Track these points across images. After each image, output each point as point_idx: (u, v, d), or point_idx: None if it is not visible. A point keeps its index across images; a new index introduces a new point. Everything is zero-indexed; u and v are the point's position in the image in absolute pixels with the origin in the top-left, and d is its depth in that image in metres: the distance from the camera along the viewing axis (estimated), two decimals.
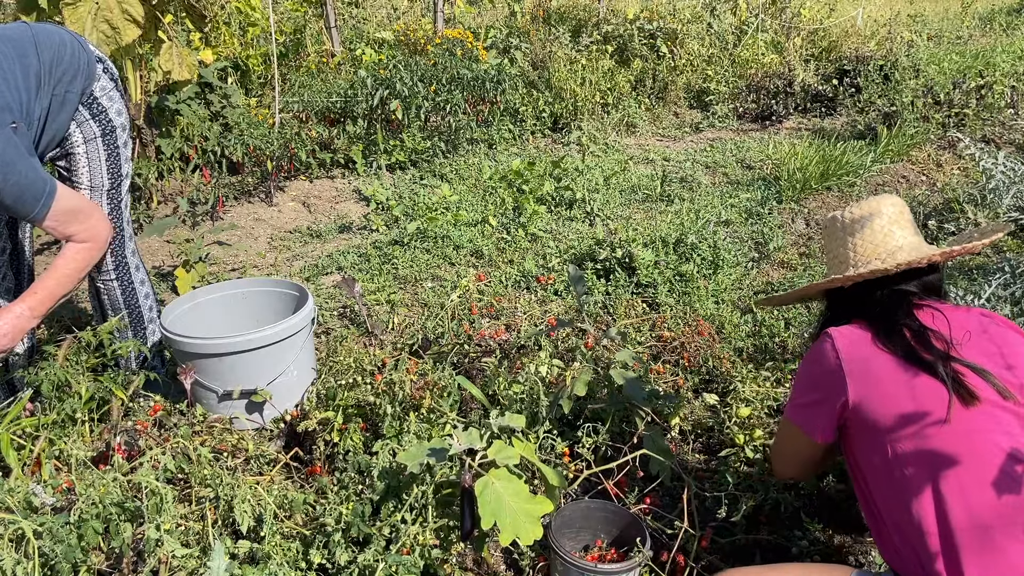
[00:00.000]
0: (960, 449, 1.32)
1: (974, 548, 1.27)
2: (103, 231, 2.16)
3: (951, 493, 1.30)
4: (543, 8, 7.74)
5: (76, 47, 2.13)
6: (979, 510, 1.28)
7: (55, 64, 2.05)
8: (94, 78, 2.16)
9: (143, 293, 2.46)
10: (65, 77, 2.07)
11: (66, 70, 2.07)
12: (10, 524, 1.52)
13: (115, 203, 2.30)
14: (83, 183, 2.22)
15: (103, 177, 2.24)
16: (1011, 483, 1.28)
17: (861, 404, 1.42)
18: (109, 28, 2.90)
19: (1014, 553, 1.26)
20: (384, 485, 1.73)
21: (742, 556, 1.92)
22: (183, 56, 3.47)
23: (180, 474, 1.90)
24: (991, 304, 2.65)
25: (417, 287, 3.50)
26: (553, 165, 4.68)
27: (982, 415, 1.34)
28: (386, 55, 5.92)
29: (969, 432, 1.33)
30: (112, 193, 2.28)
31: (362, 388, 2.14)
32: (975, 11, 9.96)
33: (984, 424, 1.34)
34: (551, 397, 2.14)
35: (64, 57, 2.07)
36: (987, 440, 1.32)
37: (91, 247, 2.14)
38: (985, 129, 5.36)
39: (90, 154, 2.20)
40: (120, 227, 2.33)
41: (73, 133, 2.17)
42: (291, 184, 4.86)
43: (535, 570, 1.86)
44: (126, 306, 2.41)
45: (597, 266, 3.46)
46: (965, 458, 1.31)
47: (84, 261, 2.14)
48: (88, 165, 2.21)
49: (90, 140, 2.19)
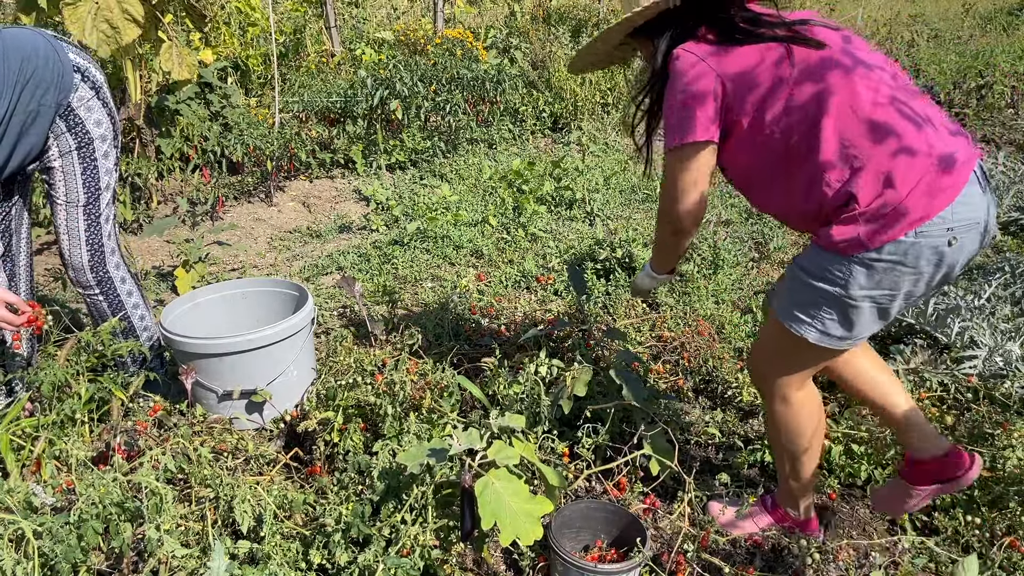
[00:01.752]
0: (830, 83, 1.49)
1: (870, 146, 1.46)
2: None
3: (837, 114, 1.47)
4: (543, 8, 7.74)
5: (51, 56, 2.02)
6: (864, 114, 1.47)
7: (27, 77, 1.95)
8: (70, 88, 2.06)
9: (131, 304, 2.42)
10: (38, 91, 1.98)
11: (39, 83, 1.98)
12: (10, 524, 1.53)
13: (92, 218, 2.23)
14: (60, 198, 2.17)
15: (78, 192, 2.17)
16: (879, 85, 1.50)
17: (735, 87, 1.54)
18: (109, 28, 2.89)
19: (908, 136, 1.46)
20: (384, 485, 1.73)
21: (742, 556, 1.92)
22: (183, 56, 3.47)
23: (180, 474, 1.90)
24: (991, 304, 2.65)
25: (417, 287, 3.50)
26: (553, 165, 4.68)
27: (836, 55, 1.53)
28: (386, 55, 5.92)
29: (829, 67, 1.51)
30: (89, 208, 2.21)
31: (363, 388, 2.14)
32: (976, 11, 9.96)
33: (840, 60, 1.52)
34: (551, 397, 2.14)
35: (36, 68, 1.97)
36: (850, 67, 1.51)
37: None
38: (985, 129, 5.35)
39: (65, 168, 2.14)
40: (99, 242, 2.26)
41: (51, 147, 2.10)
42: (291, 184, 4.86)
43: (535, 570, 1.86)
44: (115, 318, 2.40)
45: (597, 266, 3.46)
46: (836, 87, 1.49)
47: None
48: (64, 180, 2.15)
49: (65, 154, 2.12)
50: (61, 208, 2.19)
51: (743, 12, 1.59)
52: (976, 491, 2.00)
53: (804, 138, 1.51)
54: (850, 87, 1.50)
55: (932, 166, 1.46)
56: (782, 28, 1.55)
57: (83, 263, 2.27)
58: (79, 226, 2.22)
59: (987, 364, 2.40)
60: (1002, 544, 1.80)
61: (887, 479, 2.11)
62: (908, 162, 1.46)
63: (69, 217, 2.20)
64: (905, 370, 2.43)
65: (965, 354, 2.44)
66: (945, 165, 1.46)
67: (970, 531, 1.90)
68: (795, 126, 1.52)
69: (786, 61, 1.52)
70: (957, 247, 1.48)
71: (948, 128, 1.54)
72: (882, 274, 1.50)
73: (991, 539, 1.88)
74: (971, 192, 1.48)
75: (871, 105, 1.49)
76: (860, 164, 1.47)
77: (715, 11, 1.59)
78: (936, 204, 1.45)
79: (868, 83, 1.51)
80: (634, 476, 2.08)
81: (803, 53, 1.52)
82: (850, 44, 1.57)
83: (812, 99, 1.50)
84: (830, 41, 1.55)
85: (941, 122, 1.54)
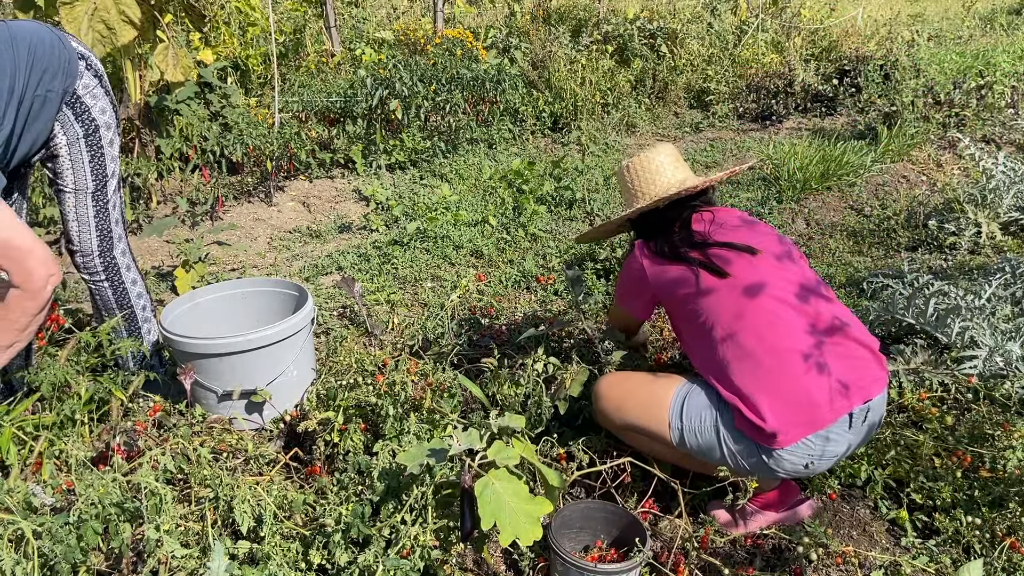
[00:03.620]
0: (730, 301, 1.88)
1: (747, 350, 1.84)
2: (38, 278, 1.84)
3: (737, 329, 1.85)
4: (543, 8, 7.73)
5: (56, 44, 2.04)
6: (756, 330, 1.84)
7: (34, 63, 1.97)
8: (76, 76, 2.08)
9: (135, 293, 2.43)
10: (45, 76, 2.00)
11: (46, 68, 2.00)
12: (9, 524, 1.52)
13: (101, 204, 2.25)
14: (67, 186, 2.18)
15: (87, 179, 2.20)
16: (773, 302, 1.86)
17: (664, 294, 2.03)
18: (105, 28, 2.89)
19: (787, 335, 1.83)
20: (384, 486, 1.73)
21: (742, 556, 1.92)
22: (179, 57, 3.47)
23: (180, 474, 1.90)
24: (991, 304, 2.64)
25: (417, 287, 3.50)
26: (553, 165, 4.68)
27: (744, 273, 1.91)
28: (386, 55, 5.92)
29: (738, 288, 1.89)
30: (97, 195, 2.23)
31: (363, 389, 2.14)
32: (976, 11, 9.96)
33: (746, 279, 1.90)
34: (549, 398, 2.14)
35: (43, 55, 2.00)
36: (750, 289, 1.88)
37: (22, 295, 1.84)
38: (985, 129, 5.35)
39: (73, 156, 2.15)
40: (107, 228, 2.29)
41: (57, 134, 2.12)
42: (291, 184, 4.86)
43: (535, 570, 1.86)
44: (118, 307, 2.40)
45: (597, 266, 3.46)
46: (741, 306, 1.87)
47: (18, 311, 1.86)
48: (72, 168, 2.16)
49: (72, 142, 2.14)
50: (70, 195, 2.20)
51: (680, 232, 2.04)
52: (977, 492, 2.00)
53: (701, 337, 1.94)
54: (738, 320, 1.86)
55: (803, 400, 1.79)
56: (699, 252, 1.96)
57: (92, 248, 2.28)
58: (88, 212, 2.24)
59: (987, 364, 2.39)
60: (1003, 546, 1.80)
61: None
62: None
63: (78, 204, 2.22)
64: (905, 370, 2.43)
65: (965, 354, 2.43)
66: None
67: (970, 532, 1.90)
68: (697, 330, 1.94)
69: (693, 281, 1.93)
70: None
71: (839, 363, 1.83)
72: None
73: (991, 540, 1.88)
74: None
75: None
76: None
77: (655, 232, 2.11)
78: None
79: (755, 317, 1.84)
80: (634, 476, 2.08)
81: (708, 280, 1.92)
82: (758, 272, 1.91)
83: (708, 315, 1.91)
84: (736, 272, 1.90)
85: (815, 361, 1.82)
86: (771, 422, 1.74)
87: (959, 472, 2.03)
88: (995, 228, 3.72)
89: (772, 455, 1.78)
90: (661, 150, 2.16)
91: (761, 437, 1.77)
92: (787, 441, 1.75)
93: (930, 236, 3.83)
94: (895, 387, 2.41)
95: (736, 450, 1.82)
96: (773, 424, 1.74)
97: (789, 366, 1.78)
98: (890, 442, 2.14)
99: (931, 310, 2.63)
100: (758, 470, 1.82)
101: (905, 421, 2.30)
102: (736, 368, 1.82)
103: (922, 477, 2.07)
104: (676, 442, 1.91)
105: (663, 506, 2.07)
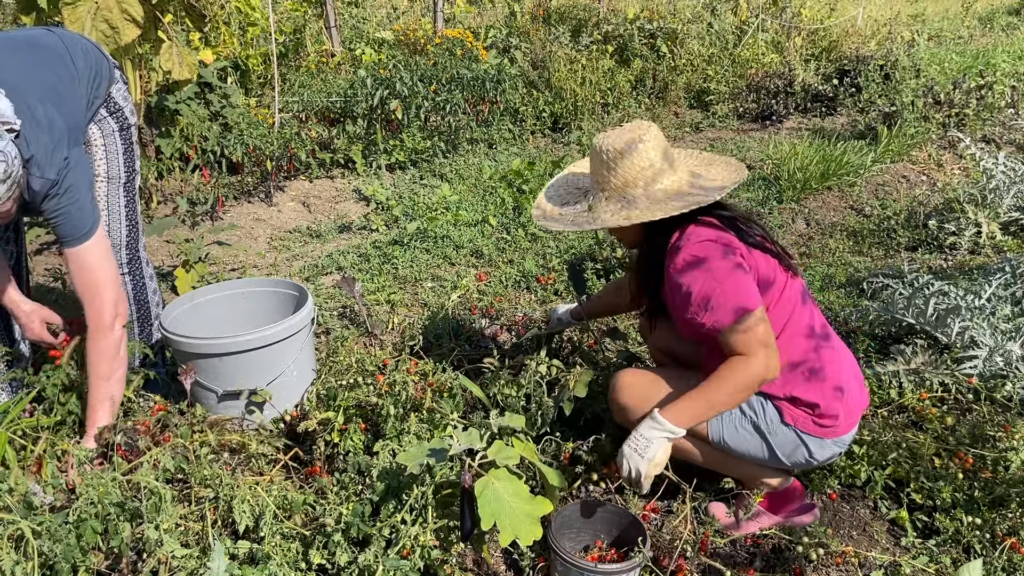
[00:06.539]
0: (788, 297, 1.85)
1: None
2: (106, 315, 1.99)
3: (791, 327, 1.84)
4: (543, 8, 7.74)
5: (96, 52, 2.17)
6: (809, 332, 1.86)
7: (91, 74, 2.09)
8: (113, 80, 2.20)
9: (151, 288, 2.49)
10: (97, 78, 2.12)
11: (94, 76, 2.11)
12: (9, 524, 1.52)
13: (130, 196, 2.32)
14: (100, 173, 2.23)
15: (120, 170, 2.26)
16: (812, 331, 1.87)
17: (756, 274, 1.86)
18: (108, 28, 2.89)
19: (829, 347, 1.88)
20: (384, 485, 1.73)
21: (742, 556, 1.92)
22: (183, 55, 3.47)
23: (180, 474, 1.90)
24: (991, 304, 2.64)
25: (417, 287, 3.50)
26: (553, 165, 4.68)
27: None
28: (386, 55, 5.92)
29: (797, 287, 1.90)
30: (128, 186, 2.31)
31: (363, 389, 2.14)
32: (975, 11, 9.96)
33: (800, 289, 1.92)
34: (552, 399, 2.14)
35: (91, 64, 2.11)
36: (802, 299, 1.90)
37: (95, 336, 2.00)
38: (985, 129, 5.35)
39: (109, 147, 2.22)
40: (136, 220, 2.36)
41: (92, 131, 2.19)
42: (291, 184, 4.86)
43: (535, 570, 1.86)
44: (135, 301, 2.42)
45: (597, 266, 3.46)
46: (794, 304, 1.86)
47: (95, 354, 1.99)
48: (106, 157, 2.23)
49: (108, 135, 2.21)
50: (102, 184, 2.25)
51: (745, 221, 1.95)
52: (977, 492, 2.00)
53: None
54: (793, 319, 1.87)
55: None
56: (773, 244, 1.94)
57: (121, 240, 2.33)
58: (120, 203, 2.30)
59: (987, 364, 2.39)
60: (1003, 546, 1.80)
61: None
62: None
63: (111, 193, 2.27)
64: (905, 370, 2.43)
65: (965, 354, 2.43)
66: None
67: (971, 532, 1.89)
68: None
69: (778, 273, 1.88)
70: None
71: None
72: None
73: (992, 540, 1.88)
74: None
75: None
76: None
77: (731, 220, 1.93)
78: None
79: (800, 319, 1.87)
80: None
81: (782, 273, 1.90)
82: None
83: (780, 310, 1.89)
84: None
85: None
86: (834, 409, 1.82)
87: (960, 473, 2.03)
88: (995, 228, 3.72)
89: (823, 444, 1.84)
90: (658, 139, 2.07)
91: (816, 428, 1.82)
92: (846, 428, 1.84)
93: (930, 236, 3.83)
94: (895, 387, 2.41)
95: (776, 443, 1.85)
96: (837, 410, 1.82)
97: (842, 361, 1.89)
98: (891, 443, 2.13)
99: (931, 310, 2.63)
100: (795, 460, 1.87)
101: (905, 421, 2.30)
102: (796, 360, 1.84)
103: (922, 477, 2.07)
104: (714, 438, 1.89)
105: (664, 506, 2.07)
